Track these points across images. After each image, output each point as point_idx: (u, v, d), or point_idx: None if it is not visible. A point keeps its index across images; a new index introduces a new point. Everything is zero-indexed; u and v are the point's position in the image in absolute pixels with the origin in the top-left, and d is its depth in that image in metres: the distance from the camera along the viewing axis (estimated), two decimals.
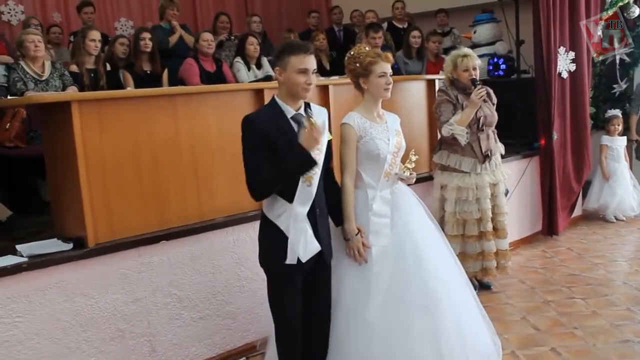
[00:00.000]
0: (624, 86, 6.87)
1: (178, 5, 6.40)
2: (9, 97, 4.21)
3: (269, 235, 2.73)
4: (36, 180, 4.48)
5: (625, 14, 6.68)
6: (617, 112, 6.59)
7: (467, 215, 4.29)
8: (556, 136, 5.67)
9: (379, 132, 3.10)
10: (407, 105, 4.81)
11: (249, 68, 5.75)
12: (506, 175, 4.50)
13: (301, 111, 2.73)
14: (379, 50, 3.28)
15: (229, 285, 3.67)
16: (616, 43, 6.84)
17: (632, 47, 6.78)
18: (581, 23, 5.80)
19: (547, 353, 3.57)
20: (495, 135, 4.41)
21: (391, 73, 3.11)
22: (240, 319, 3.71)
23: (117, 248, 3.25)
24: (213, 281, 3.60)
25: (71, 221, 3.32)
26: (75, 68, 4.95)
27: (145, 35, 5.35)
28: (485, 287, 4.57)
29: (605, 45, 6.83)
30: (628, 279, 4.69)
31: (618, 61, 6.85)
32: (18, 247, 3.10)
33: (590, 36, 5.97)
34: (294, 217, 2.68)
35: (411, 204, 3.24)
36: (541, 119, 5.67)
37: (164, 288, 3.42)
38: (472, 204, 4.27)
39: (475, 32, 6.89)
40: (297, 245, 2.69)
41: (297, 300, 2.79)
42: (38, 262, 2.99)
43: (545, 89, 5.56)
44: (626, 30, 6.77)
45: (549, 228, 5.80)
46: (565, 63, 5.72)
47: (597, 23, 6.20)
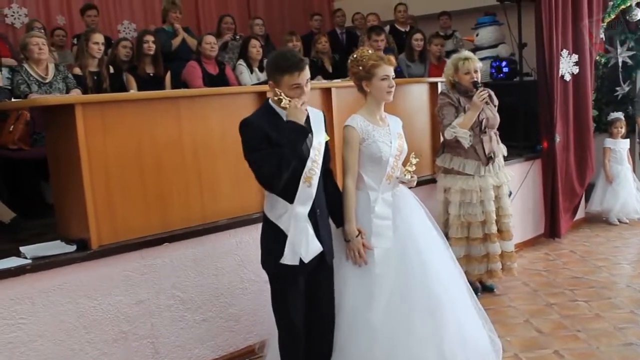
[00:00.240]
0: (627, 89, 6.87)
1: (180, 7, 6.42)
2: (13, 100, 4.22)
3: (271, 236, 2.74)
4: (40, 182, 4.49)
5: (627, 17, 6.69)
6: (620, 115, 6.58)
7: (472, 217, 4.29)
8: (558, 139, 5.66)
9: (382, 135, 3.11)
10: (410, 108, 4.81)
11: (252, 71, 5.76)
12: (509, 177, 4.50)
13: None
14: (382, 53, 3.29)
15: (232, 287, 3.67)
16: (618, 46, 6.84)
17: (635, 50, 6.79)
18: (583, 26, 5.79)
19: (550, 356, 3.57)
20: (497, 137, 4.41)
21: (394, 76, 3.11)
22: (243, 321, 3.72)
23: (121, 250, 3.25)
24: (216, 283, 3.61)
25: (74, 223, 3.33)
26: (78, 71, 4.97)
27: (148, 38, 5.36)
28: (488, 290, 4.56)
29: (607, 48, 6.84)
30: (631, 282, 4.67)
31: (620, 64, 6.86)
32: (22, 249, 3.11)
33: (592, 39, 5.96)
34: (295, 218, 2.69)
35: (412, 206, 3.24)
36: (543, 122, 5.66)
37: (167, 290, 3.42)
38: (476, 207, 4.27)
39: (477, 35, 6.90)
40: (299, 245, 2.70)
41: (301, 301, 2.80)
42: (41, 264, 3.00)
43: (547, 92, 5.56)
44: (628, 33, 6.78)
45: (551, 231, 5.79)
46: (568, 66, 5.72)
47: (600, 26, 6.20)
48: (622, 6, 6.54)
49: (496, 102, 4.44)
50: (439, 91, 4.83)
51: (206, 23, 8.42)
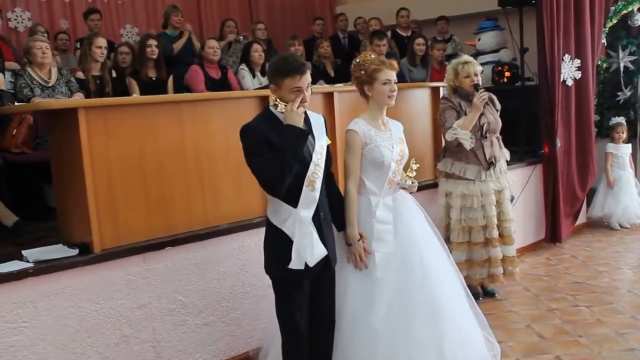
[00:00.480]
0: (628, 94, 6.87)
1: (182, 11, 6.44)
2: (16, 104, 4.23)
3: (276, 241, 2.74)
4: (42, 186, 4.49)
5: (629, 22, 6.71)
6: (621, 120, 6.59)
7: (473, 222, 4.29)
8: (559, 144, 5.66)
9: (384, 140, 3.12)
10: (412, 112, 4.82)
11: (254, 75, 5.78)
12: (511, 181, 4.50)
13: None
14: (384, 57, 3.30)
15: (234, 291, 3.68)
16: (620, 51, 6.85)
17: (636, 55, 6.79)
18: (586, 31, 5.80)
19: None
20: (500, 141, 4.42)
21: (396, 80, 3.12)
22: (244, 326, 3.72)
23: (123, 254, 3.26)
24: (218, 287, 3.61)
25: (77, 227, 3.34)
26: (81, 74, 4.98)
27: (151, 42, 5.38)
28: (489, 295, 4.56)
29: (609, 52, 6.85)
30: (633, 287, 4.67)
31: (622, 69, 6.86)
32: (24, 253, 3.12)
33: (594, 44, 5.97)
34: (299, 222, 2.69)
35: (412, 211, 3.25)
36: (544, 127, 5.67)
37: (169, 294, 3.43)
38: (477, 211, 4.27)
39: (479, 40, 6.90)
40: (304, 249, 2.70)
41: (305, 306, 2.80)
42: (44, 268, 3.00)
43: (548, 97, 5.56)
44: (630, 38, 6.79)
45: (552, 235, 5.78)
46: (570, 71, 5.72)
47: (602, 31, 6.21)
48: (624, 11, 6.57)
49: (499, 107, 4.44)
50: (441, 96, 4.84)
51: (208, 27, 8.44)
